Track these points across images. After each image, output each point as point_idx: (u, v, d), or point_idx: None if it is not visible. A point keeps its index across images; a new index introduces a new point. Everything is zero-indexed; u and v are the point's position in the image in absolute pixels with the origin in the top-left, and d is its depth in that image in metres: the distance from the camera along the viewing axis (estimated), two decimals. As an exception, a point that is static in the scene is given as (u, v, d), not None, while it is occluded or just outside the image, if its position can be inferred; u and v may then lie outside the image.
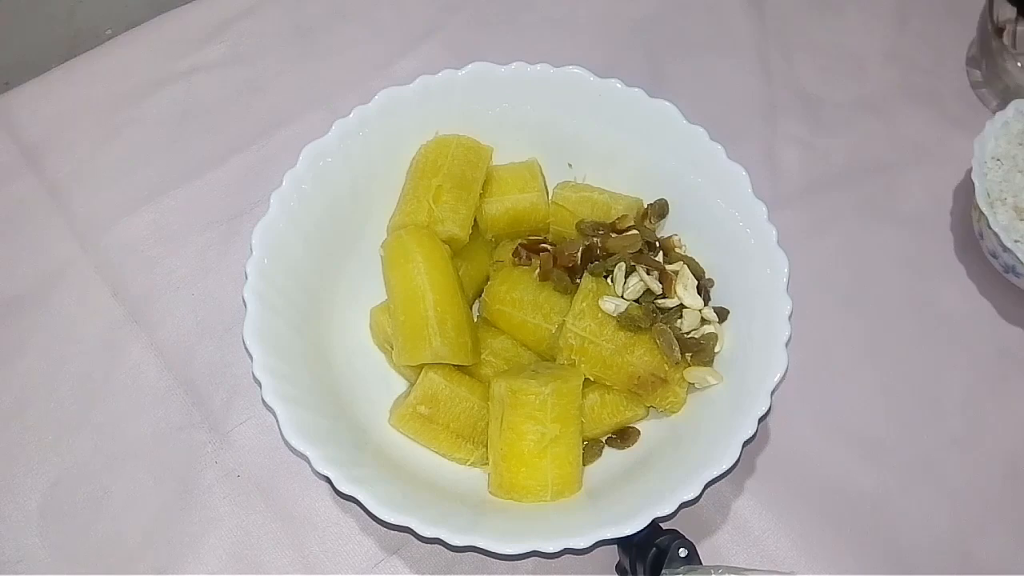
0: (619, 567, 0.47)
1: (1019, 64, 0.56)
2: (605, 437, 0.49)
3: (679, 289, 0.48)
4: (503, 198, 0.52)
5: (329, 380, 0.48)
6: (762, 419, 0.44)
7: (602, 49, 0.63)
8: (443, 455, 0.48)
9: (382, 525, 0.42)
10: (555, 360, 0.48)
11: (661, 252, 0.50)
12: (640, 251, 0.49)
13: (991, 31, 0.58)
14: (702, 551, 0.44)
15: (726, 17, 0.65)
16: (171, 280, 0.55)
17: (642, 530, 0.41)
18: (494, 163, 0.53)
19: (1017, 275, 0.53)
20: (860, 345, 0.54)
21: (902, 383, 0.53)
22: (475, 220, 0.52)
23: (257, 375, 0.44)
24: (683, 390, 0.47)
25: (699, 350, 0.47)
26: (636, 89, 0.51)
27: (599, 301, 0.47)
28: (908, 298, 0.56)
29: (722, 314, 0.48)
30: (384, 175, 0.52)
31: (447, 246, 0.50)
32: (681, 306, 0.48)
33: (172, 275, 0.55)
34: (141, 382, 0.52)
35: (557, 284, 0.49)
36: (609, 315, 0.47)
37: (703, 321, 0.48)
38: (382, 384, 0.50)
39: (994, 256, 0.54)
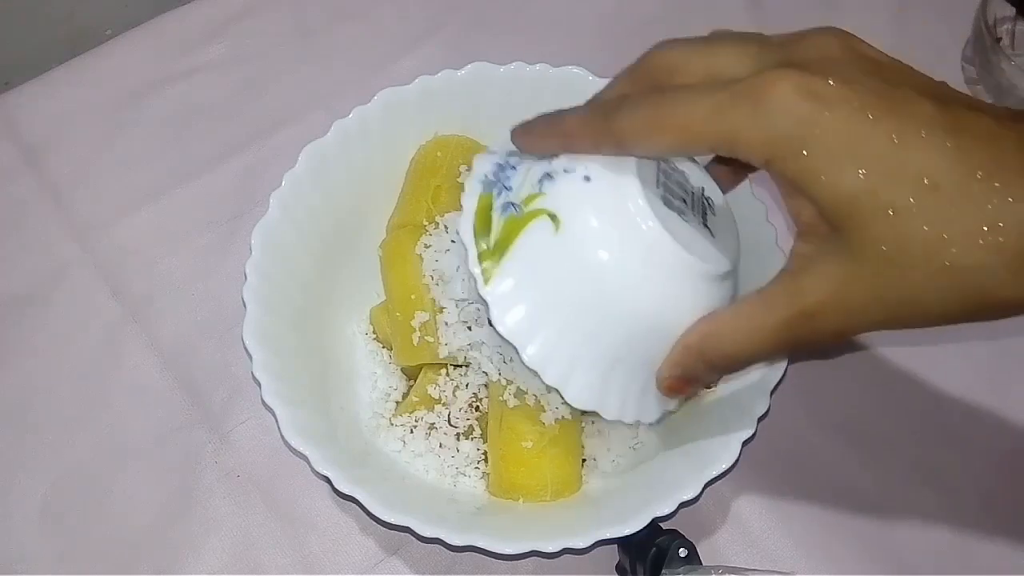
0: (619, 567, 0.47)
1: (1012, 62, 0.56)
2: None
3: (679, 289, 0.48)
4: (503, 198, 0.52)
5: (329, 380, 0.48)
6: (762, 419, 0.44)
7: (602, 49, 0.63)
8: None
9: (382, 525, 0.42)
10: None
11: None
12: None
13: (984, 28, 0.58)
14: (702, 551, 0.44)
15: (726, 17, 0.65)
16: (171, 280, 0.55)
17: (642, 530, 0.41)
18: (494, 163, 0.53)
19: None
20: (860, 344, 0.54)
21: (902, 382, 0.53)
22: (475, 220, 0.52)
23: (257, 375, 0.44)
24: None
25: (699, 350, 0.47)
26: (636, 89, 0.51)
27: (599, 301, 0.47)
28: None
29: (722, 314, 0.48)
30: (384, 175, 0.52)
31: (447, 246, 0.50)
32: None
33: (172, 275, 0.55)
34: (141, 382, 0.52)
35: (557, 284, 0.49)
36: (609, 315, 0.47)
37: (703, 321, 0.48)
38: (382, 384, 0.50)
39: None
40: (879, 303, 0.34)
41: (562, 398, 0.40)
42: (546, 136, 0.39)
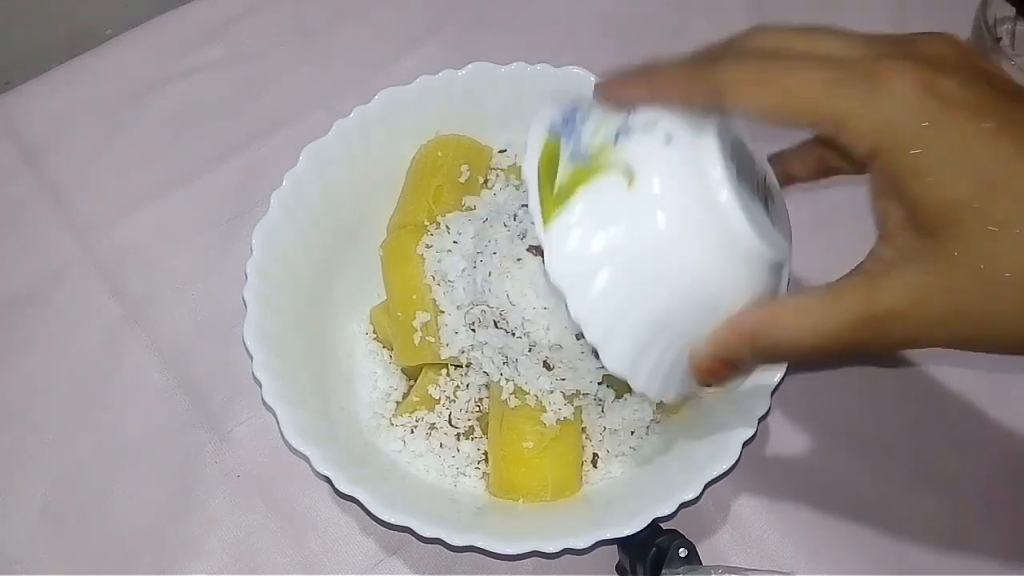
0: (619, 567, 0.47)
1: (1012, 62, 0.56)
2: None
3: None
4: (503, 198, 0.52)
5: (329, 380, 0.48)
6: (762, 419, 0.44)
7: (602, 49, 0.63)
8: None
9: (382, 525, 0.42)
10: (555, 360, 0.48)
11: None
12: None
13: (984, 28, 0.58)
14: (702, 551, 0.44)
15: (726, 17, 0.65)
16: (171, 280, 0.55)
17: (642, 530, 0.41)
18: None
19: None
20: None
21: (902, 383, 0.53)
22: (475, 220, 0.52)
23: (257, 375, 0.44)
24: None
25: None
26: (636, 89, 0.51)
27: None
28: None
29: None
30: (384, 175, 0.52)
31: (447, 246, 0.50)
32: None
33: (172, 275, 0.55)
34: (141, 382, 0.52)
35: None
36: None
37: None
38: (382, 384, 0.50)
39: None
40: (961, 320, 0.33)
41: (597, 358, 0.38)
42: (635, 84, 0.37)
